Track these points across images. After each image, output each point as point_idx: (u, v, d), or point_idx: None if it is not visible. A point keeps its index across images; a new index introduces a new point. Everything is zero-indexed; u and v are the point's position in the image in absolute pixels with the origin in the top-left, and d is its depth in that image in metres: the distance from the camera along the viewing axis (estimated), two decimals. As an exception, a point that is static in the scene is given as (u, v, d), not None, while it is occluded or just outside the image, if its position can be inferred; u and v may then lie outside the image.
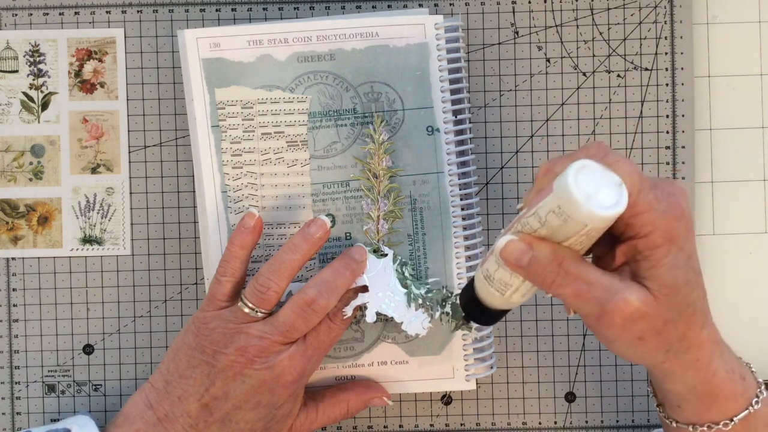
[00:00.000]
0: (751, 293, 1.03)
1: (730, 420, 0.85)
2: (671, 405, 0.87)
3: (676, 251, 0.79)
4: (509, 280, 0.81)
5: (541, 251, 0.78)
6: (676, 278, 0.79)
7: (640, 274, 0.80)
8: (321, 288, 0.91)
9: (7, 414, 1.01)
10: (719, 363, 0.84)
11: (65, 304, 1.01)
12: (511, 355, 1.02)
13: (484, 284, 0.83)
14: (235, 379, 0.91)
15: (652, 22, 1.01)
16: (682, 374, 0.83)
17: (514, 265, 0.79)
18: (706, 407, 0.85)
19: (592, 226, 0.76)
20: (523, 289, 0.82)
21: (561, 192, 0.75)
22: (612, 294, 0.78)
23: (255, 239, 0.93)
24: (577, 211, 0.75)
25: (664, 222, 0.79)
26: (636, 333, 0.80)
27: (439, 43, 0.96)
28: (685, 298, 0.80)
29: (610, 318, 0.78)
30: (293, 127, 0.96)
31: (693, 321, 0.81)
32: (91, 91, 1.01)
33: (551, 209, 0.76)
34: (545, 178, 0.79)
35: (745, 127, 1.02)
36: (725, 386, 0.84)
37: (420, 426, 1.02)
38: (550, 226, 0.77)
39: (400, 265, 0.95)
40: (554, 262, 0.78)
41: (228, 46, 0.96)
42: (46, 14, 1.00)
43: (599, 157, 0.78)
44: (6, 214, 1.01)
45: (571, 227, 0.76)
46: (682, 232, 0.79)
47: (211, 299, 0.92)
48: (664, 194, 0.79)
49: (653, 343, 0.81)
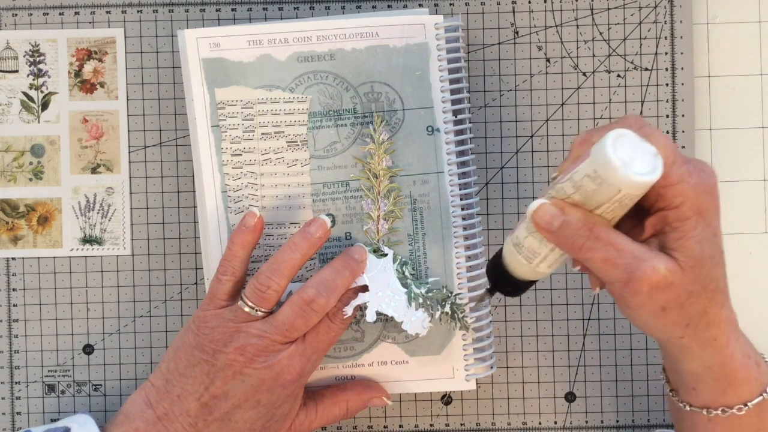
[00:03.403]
0: (751, 293, 1.03)
1: (744, 404, 0.86)
2: (686, 387, 0.88)
3: (705, 225, 0.81)
4: (538, 248, 0.83)
5: (573, 216, 0.80)
6: (702, 251, 0.81)
7: (668, 245, 0.81)
8: (320, 287, 0.91)
9: (7, 414, 1.01)
10: (736, 346, 0.85)
11: (65, 304, 1.01)
12: (511, 355, 1.02)
13: (513, 252, 0.85)
14: (235, 378, 0.91)
15: (652, 22, 1.01)
16: (701, 352, 0.84)
17: (544, 228, 0.81)
18: (722, 390, 0.86)
19: (626, 192, 0.78)
20: (550, 259, 0.83)
21: (598, 156, 0.77)
22: (641, 261, 0.80)
23: (256, 239, 0.93)
24: (613, 175, 0.77)
25: (694, 195, 0.81)
26: (660, 302, 0.81)
27: (439, 43, 0.96)
28: (709, 273, 0.82)
29: (638, 285, 0.80)
30: (293, 127, 0.96)
31: (714, 298, 0.83)
32: (91, 91, 1.01)
33: (587, 173, 0.78)
34: (582, 147, 0.82)
35: (745, 127, 1.02)
36: (741, 370, 0.86)
37: (420, 426, 1.02)
38: (585, 192, 0.79)
39: (400, 264, 0.95)
40: (585, 227, 0.80)
41: (228, 46, 0.96)
42: (46, 14, 1.00)
43: (636, 128, 0.80)
44: (6, 214, 1.01)
45: (605, 192, 0.78)
46: (711, 207, 0.81)
47: (211, 298, 0.92)
48: (696, 169, 0.82)
49: (675, 315, 0.82)
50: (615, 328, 1.02)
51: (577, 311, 1.02)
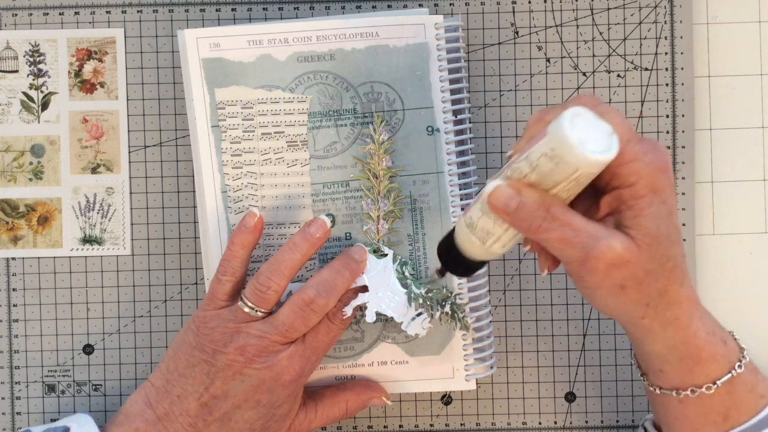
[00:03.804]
0: (751, 293, 1.03)
1: (713, 383, 0.86)
2: (654, 370, 0.88)
3: (659, 203, 0.81)
4: (492, 228, 0.83)
5: (529, 197, 0.80)
6: (658, 229, 0.81)
7: (623, 223, 0.81)
8: (320, 287, 0.91)
9: (7, 414, 1.01)
10: (699, 324, 0.85)
11: (65, 304, 1.01)
12: (511, 355, 1.02)
13: (466, 232, 0.84)
14: (235, 378, 0.91)
15: (652, 22, 1.01)
16: (663, 332, 0.85)
17: (501, 210, 0.81)
18: (689, 369, 0.86)
19: (583, 170, 0.78)
20: (504, 239, 0.83)
21: (556, 135, 0.77)
22: (597, 240, 0.80)
23: (256, 239, 0.93)
24: (570, 153, 0.77)
25: (649, 172, 0.81)
26: (618, 280, 0.81)
27: (439, 43, 0.96)
28: (666, 251, 0.82)
29: (594, 263, 0.80)
30: (293, 127, 0.96)
31: (673, 276, 0.83)
32: (91, 91, 1.01)
33: (544, 152, 0.78)
34: (537, 125, 0.81)
35: (745, 127, 1.02)
36: (706, 348, 0.86)
37: (420, 426, 1.02)
38: (541, 171, 0.79)
39: (400, 265, 0.95)
40: (542, 208, 0.80)
41: (228, 46, 0.96)
42: (46, 14, 1.00)
43: (591, 106, 0.80)
44: (6, 214, 1.01)
45: (562, 171, 0.78)
46: (665, 185, 0.82)
47: (211, 298, 0.92)
48: (650, 148, 0.82)
49: (634, 294, 0.82)
50: (615, 328, 1.02)
51: (577, 311, 1.02)
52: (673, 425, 0.90)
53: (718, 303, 1.01)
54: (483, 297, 0.97)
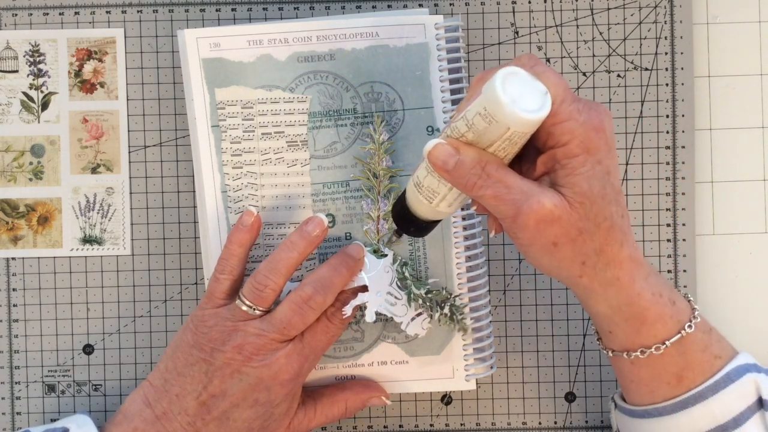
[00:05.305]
0: (751, 293, 1.03)
1: (661, 344, 0.87)
2: (604, 332, 0.89)
3: (593, 163, 0.82)
4: (437, 187, 0.84)
5: (467, 155, 0.81)
6: (591, 188, 0.82)
7: (557, 182, 0.82)
8: (317, 285, 0.91)
9: (7, 414, 1.01)
10: (643, 285, 0.85)
11: (65, 304, 1.01)
12: (511, 355, 1.02)
13: (414, 192, 0.86)
14: (233, 376, 0.91)
15: (652, 22, 1.01)
16: (604, 292, 0.85)
17: (440, 168, 0.82)
18: (635, 330, 0.86)
19: (515, 129, 0.79)
20: (449, 198, 0.84)
21: (488, 94, 0.78)
22: (528, 197, 0.81)
23: (253, 237, 0.93)
24: (501, 112, 0.78)
25: (582, 132, 0.82)
26: (550, 237, 0.82)
27: (439, 43, 0.96)
28: (601, 211, 0.82)
29: (525, 219, 0.81)
30: (293, 127, 0.96)
31: (611, 236, 0.83)
32: (91, 91, 1.01)
33: (478, 111, 0.79)
34: (478, 85, 0.82)
35: (745, 127, 1.02)
36: (652, 308, 0.86)
37: (420, 426, 1.02)
38: (477, 129, 0.80)
39: (400, 265, 0.95)
40: (478, 166, 0.81)
41: (228, 46, 0.96)
42: (46, 14, 1.00)
43: (529, 66, 0.81)
44: (6, 214, 1.01)
45: (495, 130, 0.79)
46: (600, 145, 0.82)
47: (209, 297, 0.92)
48: (585, 108, 0.82)
49: (568, 252, 0.83)
50: (615, 328, 1.02)
51: (577, 311, 1.02)
52: (629, 387, 0.90)
53: (718, 303, 1.01)
54: (483, 297, 0.97)
